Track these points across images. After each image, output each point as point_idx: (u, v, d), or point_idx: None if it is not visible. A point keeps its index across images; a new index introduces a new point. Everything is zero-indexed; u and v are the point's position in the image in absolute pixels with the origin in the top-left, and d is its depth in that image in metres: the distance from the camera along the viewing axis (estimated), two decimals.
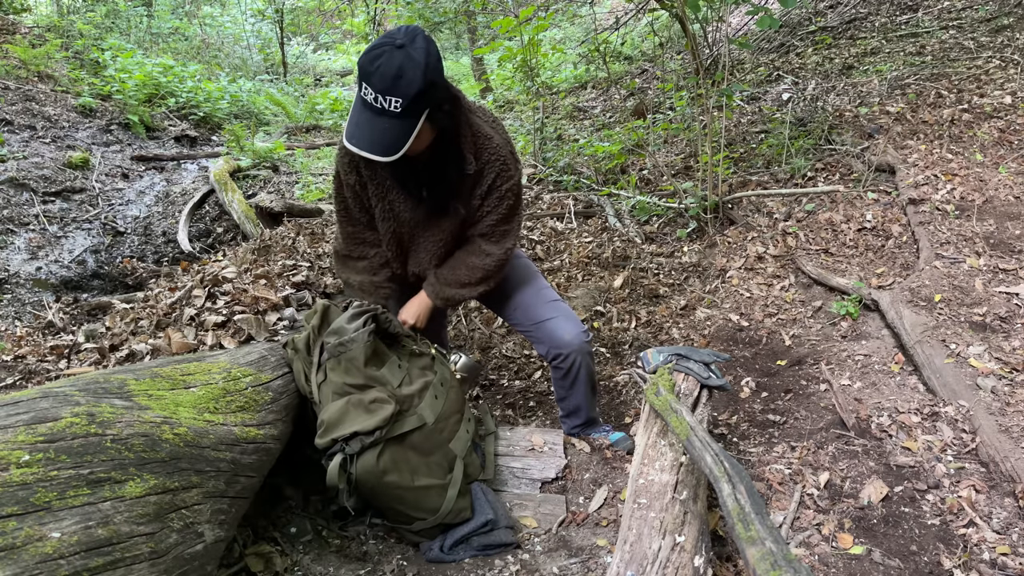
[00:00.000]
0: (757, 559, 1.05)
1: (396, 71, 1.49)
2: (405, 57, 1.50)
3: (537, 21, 4.79)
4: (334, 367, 1.73)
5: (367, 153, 1.56)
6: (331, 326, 1.79)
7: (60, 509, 0.96)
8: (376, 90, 1.51)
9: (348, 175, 1.86)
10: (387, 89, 1.50)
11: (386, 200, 1.87)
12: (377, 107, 1.52)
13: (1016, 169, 3.49)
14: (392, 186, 1.85)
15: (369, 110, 1.54)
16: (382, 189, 1.86)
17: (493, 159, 1.81)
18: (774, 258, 3.34)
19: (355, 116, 1.58)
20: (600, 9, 8.40)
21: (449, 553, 1.74)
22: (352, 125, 1.57)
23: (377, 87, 1.50)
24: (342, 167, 1.87)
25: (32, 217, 5.04)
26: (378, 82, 1.50)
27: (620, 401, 2.68)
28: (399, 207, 1.88)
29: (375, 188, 1.86)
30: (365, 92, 1.53)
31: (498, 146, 1.81)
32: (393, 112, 1.52)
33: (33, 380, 1.88)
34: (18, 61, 7.28)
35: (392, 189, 1.85)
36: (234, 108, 8.79)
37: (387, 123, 1.54)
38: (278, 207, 4.94)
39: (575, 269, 3.71)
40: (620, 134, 5.21)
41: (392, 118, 1.53)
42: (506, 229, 1.91)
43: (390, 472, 1.67)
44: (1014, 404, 1.96)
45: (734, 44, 4.65)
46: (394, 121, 1.54)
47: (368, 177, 1.85)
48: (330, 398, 1.71)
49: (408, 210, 1.88)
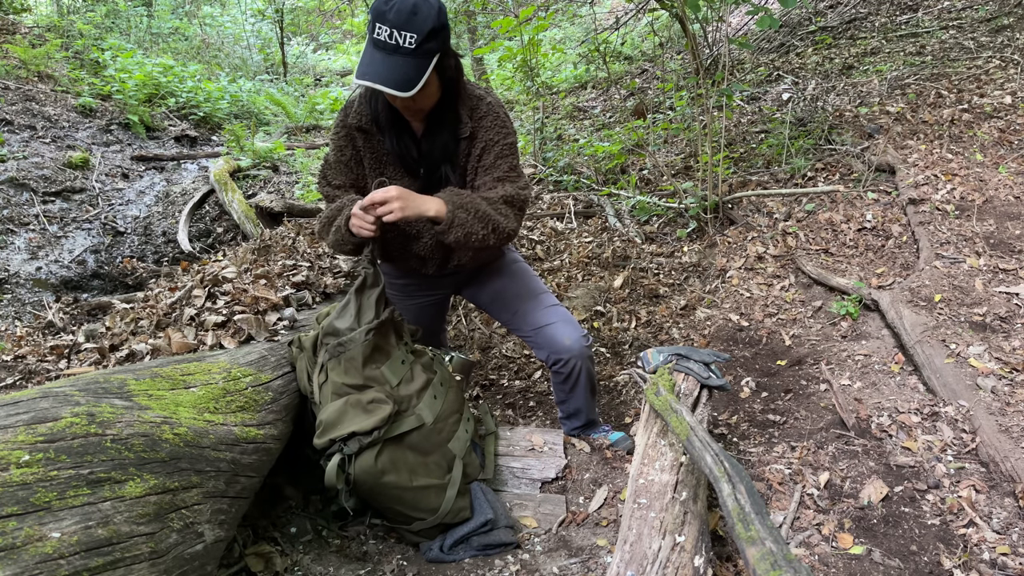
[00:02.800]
0: (757, 559, 1.05)
1: (411, 7, 1.52)
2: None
3: (537, 21, 4.79)
4: (334, 367, 1.73)
5: (382, 86, 1.54)
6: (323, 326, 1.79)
7: (60, 509, 0.96)
8: (392, 25, 1.52)
9: (344, 149, 1.86)
10: (402, 24, 1.51)
11: (382, 175, 1.86)
12: (392, 44, 1.53)
13: (1016, 169, 3.49)
14: (389, 162, 1.85)
15: (382, 49, 1.55)
16: (378, 164, 1.85)
17: (486, 115, 1.80)
18: (774, 258, 3.34)
19: (367, 57, 1.57)
20: (600, 9, 8.40)
21: (449, 553, 1.74)
22: (364, 65, 1.57)
23: (392, 22, 1.51)
24: (337, 141, 1.86)
25: (32, 217, 5.04)
26: (394, 17, 1.51)
27: (620, 401, 2.68)
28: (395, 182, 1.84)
29: (371, 161, 1.85)
30: (379, 32, 1.53)
31: (491, 104, 1.81)
32: (407, 49, 1.53)
33: (33, 380, 1.88)
34: (18, 61, 7.28)
35: (389, 164, 1.85)
36: (234, 108, 8.80)
37: (401, 60, 1.55)
38: (278, 207, 4.95)
39: (575, 269, 3.71)
40: (620, 134, 5.21)
41: (406, 55, 1.54)
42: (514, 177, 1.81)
43: (388, 472, 1.67)
44: (1014, 404, 1.96)
45: (734, 44, 4.65)
46: (408, 58, 1.55)
47: (365, 150, 1.84)
48: (329, 398, 1.71)
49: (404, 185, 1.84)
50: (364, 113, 1.80)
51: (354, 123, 1.81)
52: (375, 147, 1.84)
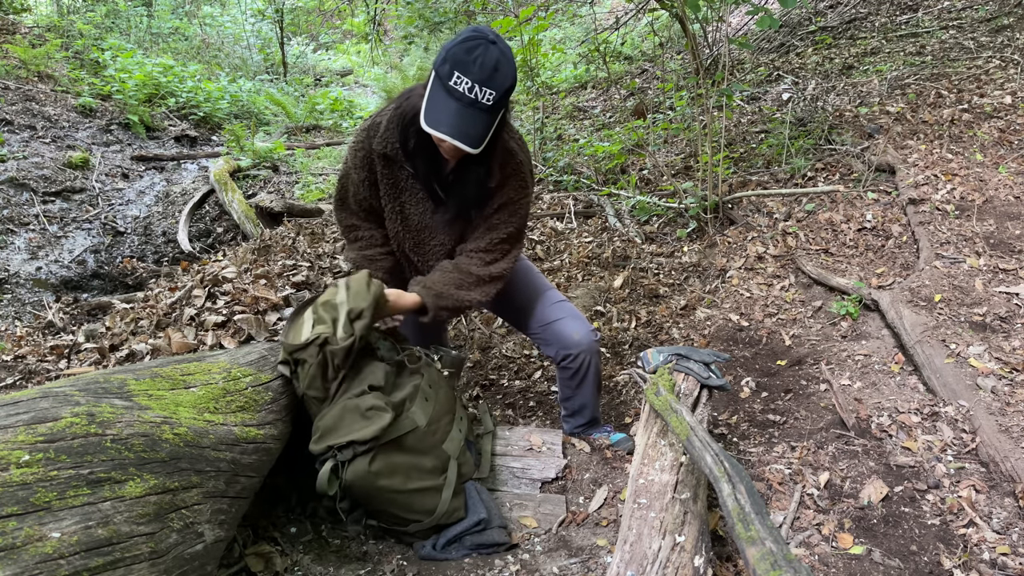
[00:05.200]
0: (757, 559, 1.05)
1: (494, 64, 1.51)
2: (500, 52, 1.52)
3: (537, 21, 4.79)
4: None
5: (456, 141, 1.54)
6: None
7: (60, 509, 0.96)
8: (473, 80, 1.50)
9: (360, 170, 1.85)
10: (484, 80, 1.51)
11: (397, 201, 1.86)
12: (470, 97, 1.52)
13: (1016, 169, 3.49)
14: (407, 187, 1.84)
15: (457, 100, 1.53)
16: (395, 190, 1.85)
17: (514, 175, 1.82)
18: (774, 258, 3.34)
19: (438, 103, 1.55)
20: (600, 9, 8.40)
21: (442, 552, 1.74)
22: (436, 112, 1.54)
23: (475, 77, 1.50)
24: (354, 162, 1.85)
25: (32, 217, 5.04)
26: (477, 72, 1.50)
27: (620, 401, 2.68)
28: (409, 209, 1.87)
29: (387, 188, 1.85)
30: (457, 81, 1.51)
31: (520, 163, 1.82)
32: (484, 105, 1.53)
33: (33, 380, 1.88)
34: (18, 61, 7.28)
35: (406, 191, 1.84)
36: (234, 108, 8.80)
37: (476, 114, 1.54)
38: (278, 207, 4.95)
39: (575, 269, 3.71)
40: (620, 134, 5.21)
41: (481, 111, 1.54)
42: (508, 248, 1.90)
43: (383, 477, 1.66)
44: (1014, 404, 1.96)
45: (734, 44, 4.65)
46: (482, 114, 1.54)
47: (383, 176, 1.83)
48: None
49: (418, 213, 1.87)
50: (391, 140, 1.77)
51: (379, 149, 1.78)
52: (394, 174, 1.83)
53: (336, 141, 8.04)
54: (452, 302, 1.84)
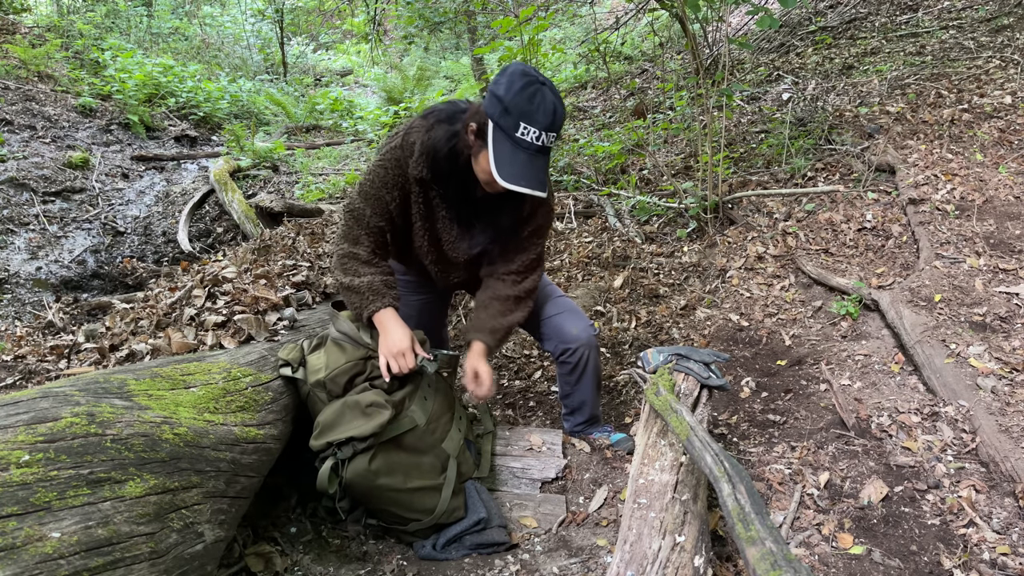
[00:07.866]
0: (757, 559, 1.05)
1: (553, 107, 1.53)
2: (553, 93, 1.54)
3: (537, 21, 4.79)
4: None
5: (533, 191, 1.57)
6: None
7: (60, 509, 0.96)
8: (540, 128, 1.52)
9: (391, 191, 1.78)
10: (548, 125, 1.53)
11: (428, 220, 1.85)
12: (537, 145, 1.53)
13: (1016, 169, 3.49)
14: (440, 206, 1.83)
15: (526, 149, 1.53)
16: (427, 209, 1.83)
17: (545, 202, 1.85)
18: (774, 258, 3.33)
19: (507, 156, 1.54)
20: (600, 9, 8.40)
21: (442, 551, 1.74)
22: (508, 166, 1.53)
23: (541, 124, 1.52)
24: (387, 184, 1.77)
25: (32, 217, 5.04)
26: (542, 119, 1.52)
27: (620, 401, 2.68)
28: (439, 227, 1.87)
29: (418, 208, 1.82)
30: (524, 132, 1.51)
31: (551, 192, 1.88)
32: (546, 147, 1.56)
33: (33, 380, 1.88)
34: (18, 61, 7.28)
35: (437, 210, 1.84)
36: (234, 108, 8.80)
37: (540, 159, 1.57)
38: (278, 207, 4.95)
39: (575, 269, 3.71)
40: (620, 134, 5.21)
41: (543, 154, 1.57)
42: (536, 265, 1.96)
43: (383, 475, 1.67)
44: (1014, 404, 1.96)
45: (734, 44, 4.65)
46: (545, 157, 1.58)
47: (417, 196, 1.80)
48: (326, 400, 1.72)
49: (446, 232, 1.88)
50: (426, 165, 1.74)
51: (415, 175, 1.75)
52: (428, 198, 1.81)
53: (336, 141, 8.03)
54: (505, 331, 1.94)
